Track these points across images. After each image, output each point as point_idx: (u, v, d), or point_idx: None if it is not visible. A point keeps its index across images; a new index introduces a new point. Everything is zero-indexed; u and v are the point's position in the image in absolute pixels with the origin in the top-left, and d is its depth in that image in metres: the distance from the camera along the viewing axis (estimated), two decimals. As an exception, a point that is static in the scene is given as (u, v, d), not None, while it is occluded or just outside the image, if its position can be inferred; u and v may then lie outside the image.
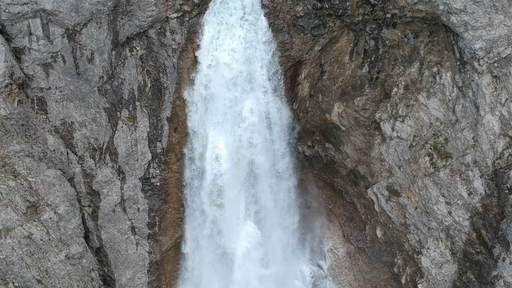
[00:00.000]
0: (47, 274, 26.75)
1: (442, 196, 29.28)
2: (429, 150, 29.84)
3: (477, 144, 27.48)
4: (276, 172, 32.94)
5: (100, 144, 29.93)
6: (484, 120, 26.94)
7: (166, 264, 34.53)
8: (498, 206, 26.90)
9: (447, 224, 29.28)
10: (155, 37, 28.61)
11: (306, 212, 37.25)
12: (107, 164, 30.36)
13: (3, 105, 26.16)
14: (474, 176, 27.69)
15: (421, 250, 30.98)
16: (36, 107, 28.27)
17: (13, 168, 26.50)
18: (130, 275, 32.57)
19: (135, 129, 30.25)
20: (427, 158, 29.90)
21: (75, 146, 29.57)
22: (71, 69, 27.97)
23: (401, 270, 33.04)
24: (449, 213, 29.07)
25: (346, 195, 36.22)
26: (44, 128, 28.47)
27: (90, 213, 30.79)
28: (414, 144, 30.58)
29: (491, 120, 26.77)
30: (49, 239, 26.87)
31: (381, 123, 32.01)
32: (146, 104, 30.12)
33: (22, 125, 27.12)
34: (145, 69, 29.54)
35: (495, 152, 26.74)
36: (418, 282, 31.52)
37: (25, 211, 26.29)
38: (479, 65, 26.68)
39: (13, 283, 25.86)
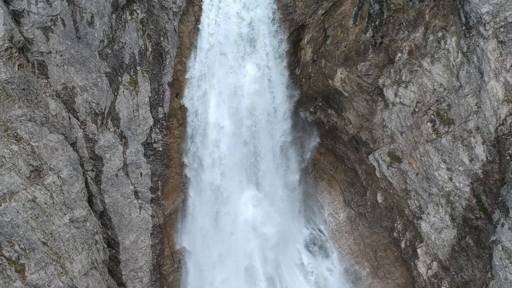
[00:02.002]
0: (52, 237, 27.15)
1: (444, 162, 29.32)
2: (432, 116, 29.70)
3: (480, 110, 27.31)
4: (277, 136, 32.98)
5: (101, 109, 29.88)
6: (488, 86, 26.68)
7: (169, 228, 34.99)
8: (499, 172, 26.95)
9: (447, 190, 29.44)
10: (155, 0, 28.12)
11: (307, 178, 37.47)
12: (109, 129, 30.38)
13: (4, 69, 25.96)
14: (476, 143, 27.64)
15: (421, 215, 31.25)
16: (37, 72, 28.07)
17: (15, 132, 26.54)
18: (133, 238, 33.05)
19: (137, 94, 30.13)
20: (429, 124, 29.79)
21: (77, 110, 29.52)
22: (71, 32, 27.64)
23: (401, 235, 33.43)
24: (450, 179, 29.17)
25: (347, 161, 36.31)
26: (45, 93, 28.35)
27: (93, 178, 31.01)
28: (416, 110, 30.41)
29: (495, 86, 26.50)
30: (53, 203, 27.16)
31: (384, 89, 31.76)
32: (147, 69, 29.89)
33: (23, 89, 26.99)
34: (146, 33, 29.17)
35: (498, 119, 26.59)
36: (418, 246, 31.93)
37: (28, 175, 26.49)
38: (485, 30, 26.22)
39: (19, 245, 26.30)
